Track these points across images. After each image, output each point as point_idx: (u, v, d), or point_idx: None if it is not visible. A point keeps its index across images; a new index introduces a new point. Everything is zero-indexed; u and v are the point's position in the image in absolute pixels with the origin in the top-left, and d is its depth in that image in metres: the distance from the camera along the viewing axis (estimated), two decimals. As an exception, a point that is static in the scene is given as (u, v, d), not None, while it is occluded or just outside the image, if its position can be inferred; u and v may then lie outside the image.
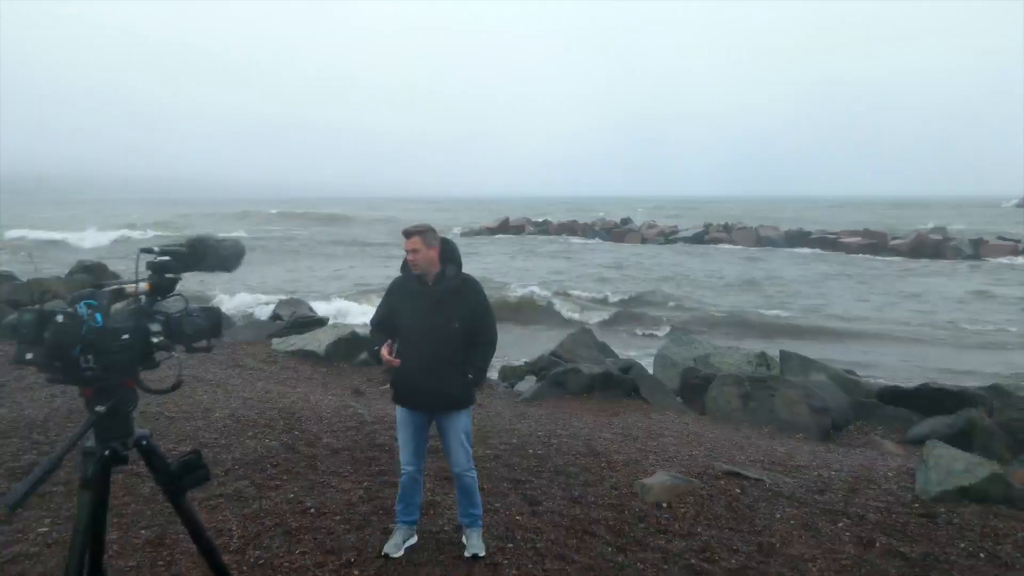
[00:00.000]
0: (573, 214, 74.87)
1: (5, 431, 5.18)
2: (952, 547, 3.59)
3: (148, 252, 1.69)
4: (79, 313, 1.51)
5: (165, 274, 1.68)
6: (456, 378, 3.34)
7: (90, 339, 1.49)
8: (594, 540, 3.66)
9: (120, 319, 1.58)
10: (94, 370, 1.50)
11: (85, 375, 1.50)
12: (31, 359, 1.47)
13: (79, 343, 1.48)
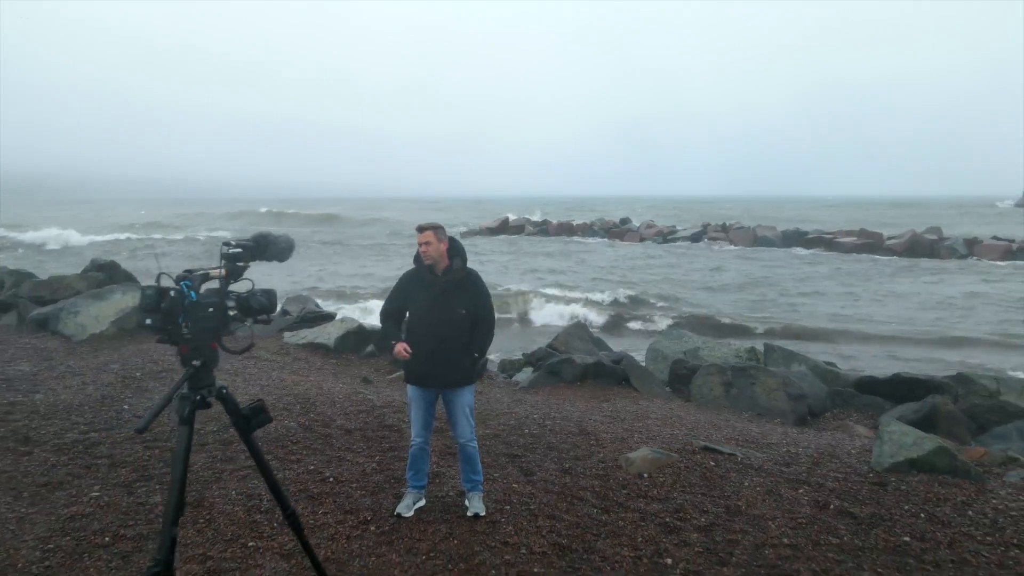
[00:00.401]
0: (573, 214, 75.38)
1: (47, 414, 5.67)
2: (897, 509, 4.07)
3: (226, 245, 2.16)
4: (185, 287, 1.98)
5: (237, 263, 2.15)
6: (461, 358, 3.82)
7: (188, 309, 1.96)
8: (581, 504, 4.14)
9: (206, 296, 2.04)
10: (190, 333, 1.97)
11: (184, 337, 1.97)
12: (149, 323, 1.94)
13: (182, 312, 1.95)
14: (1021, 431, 5.89)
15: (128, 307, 9.19)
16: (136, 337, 9.02)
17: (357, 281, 22.34)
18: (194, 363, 2.01)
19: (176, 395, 2.00)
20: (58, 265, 24.08)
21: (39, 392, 6.36)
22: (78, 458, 4.72)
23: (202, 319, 2.00)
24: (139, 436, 5.10)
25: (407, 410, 4.13)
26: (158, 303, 1.92)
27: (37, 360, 7.69)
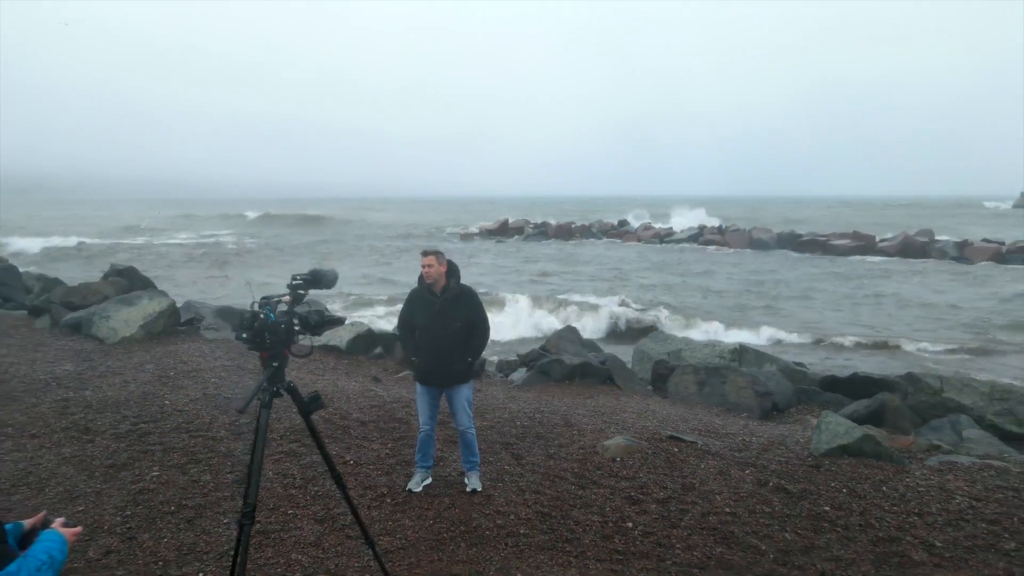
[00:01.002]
0: (572, 215, 76.15)
1: (99, 408, 6.47)
2: (824, 485, 4.88)
3: (293, 278, 2.96)
4: (268, 311, 2.77)
5: (298, 291, 2.95)
6: (459, 361, 4.62)
7: (269, 326, 2.76)
8: (562, 482, 4.95)
9: (279, 316, 2.83)
10: (270, 343, 2.76)
11: (266, 346, 2.77)
12: (244, 337, 2.74)
13: (265, 329, 2.75)
14: (954, 423, 6.70)
15: (154, 312, 10.00)
16: (163, 339, 9.84)
17: (359, 287, 23.15)
18: (273, 364, 2.80)
19: (256, 393, 2.79)
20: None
21: (87, 389, 7.17)
22: (135, 444, 5.53)
23: (277, 333, 2.78)
24: (187, 426, 5.91)
25: (415, 403, 4.94)
26: (252, 324, 2.72)
27: (78, 361, 8.50)
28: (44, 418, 6.20)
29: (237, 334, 2.80)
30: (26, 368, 8.05)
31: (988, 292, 22.61)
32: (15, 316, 11.64)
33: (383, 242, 44.95)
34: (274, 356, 2.80)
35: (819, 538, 4.12)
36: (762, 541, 4.07)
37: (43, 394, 6.96)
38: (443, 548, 3.95)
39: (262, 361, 2.83)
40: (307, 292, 2.97)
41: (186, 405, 6.58)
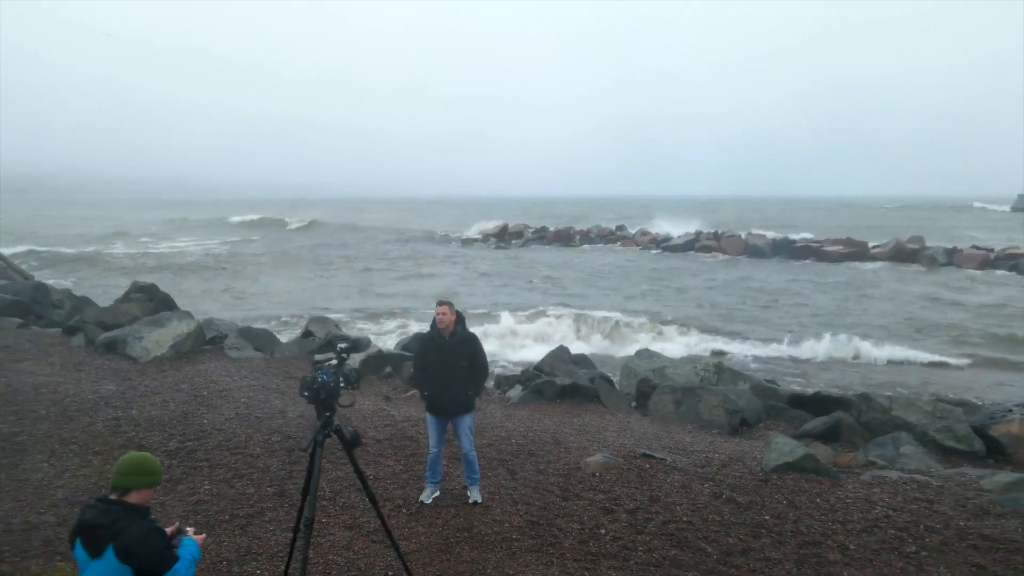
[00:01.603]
0: (571, 217, 77.12)
1: (147, 426, 7.41)
2: (769, 497, 5.81)
3: (341, 340, 3.89)
4: (324, 374, 3.70)
5: (342, 355, 3.87)
6: (464, 395, 5.55)
7: (323, 385, 3.68)
8: (549, 494, 5.88)
9: (329, 375, 3.75)
10: (324, 397, 3.69)
11: (321, 400, 3.69)
12: (305, 395, 3.66)
13: (321, 387, 3.67)
14: (895, 440, 7.62)
15: (183, 333, 10.94)
16: (191, 358, 10.78)
17: (359, 299, 24.09)
18: (328, 416, 3.72)
19: (315, 436, 3.70)
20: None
21: (133, 408, 8.10)
22: (185, 461, 6.47)
23: (329, 390, 3.70)
24: (227, 444, 6.84)
25: (425, 427, 5.86)
26: (312, 385, 3.64)
27: (118, 380, 9.43)
28: (101, 436, 7.14)
29: (300, 391, 3.73)
30: (73, 387, 8.99)
31: (969, 300, 23.55)
32: (50, 334, 12.57)
33: (383, 247, 45.86)
34: (326, 407, 3.72)
35: (756, 542, 5.05)
36: (709, 545, 5.01)
37: (94, 413, 7.90)
38: (450, 551, 4.89)
39: (317, 412, 3.76)
40: (349, 356, 3.90)
41: (223, 424, 7.52)
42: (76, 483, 6.02)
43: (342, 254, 41.03)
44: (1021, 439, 8.04)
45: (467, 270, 33.06)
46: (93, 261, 35.74)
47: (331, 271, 33.00)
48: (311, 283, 28.95)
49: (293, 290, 26.58)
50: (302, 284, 28.51)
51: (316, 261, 36.43)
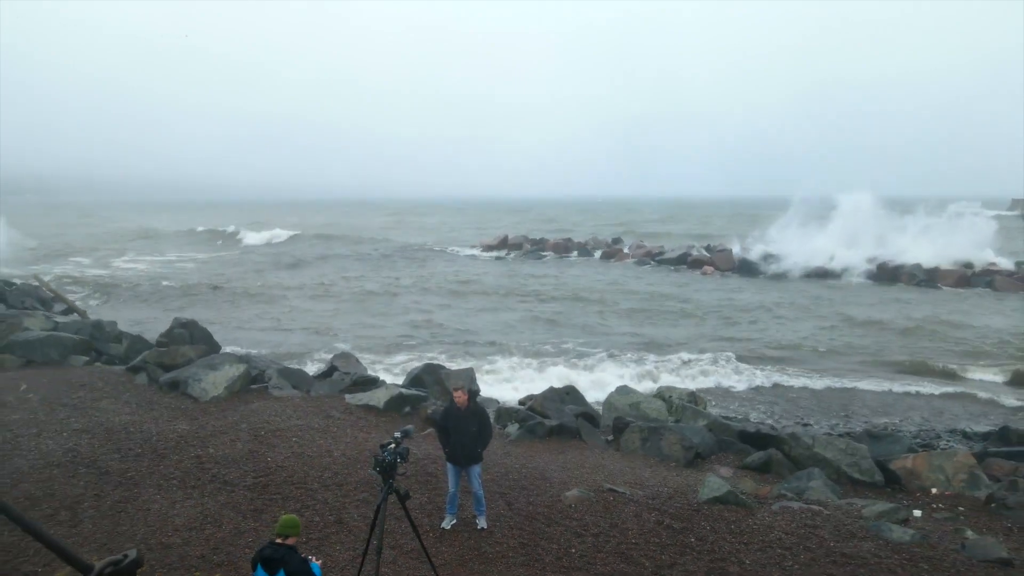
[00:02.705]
0: (572, 222, 79.21)
1: (225, 464, 9.46)
2: (697, 524, 7.91)
3: (401, 433, 5.98)
4: (387, 455, 5.77)
5: (399, 441, 5.95)
6: (474, 451, 7.66)
7: (390, 462, 5.76)
8: (536, 521, 7.98)
9: (391, 455, 5.82)
10: (387, 469, 5.77)
11: (388, 470, 5.77)
12: (376, 471, 5.73)
13: (387, 463, 5.75)
14: (810, 473, 9.71)
15: (234, 376, 13.04)
16: (242, 396, 12.89)
17: (375, 332, 26.23)
18: (390, 482, 5.79)
19: (382, 495, 5.77)
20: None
21: (209, 447, 10.20)
22: (262, 494, 8.57)
23: (392, 466, 5.76)
24: (291, 480, 8.93)
25: (445, 472, 7.96)
26: (382, 463, 5.72)
27: (188, 420, 11.53)
28: (191, 472, 9.25)
29: (371, 467, 5.82)
30: (154, 426, 11.10)
31: (925, 318, 25.69)
32: (115, 372, 14.69)
33: (385, 263, 47.93)
34: (389, 475, 5.81)
35: (681, 558, 7.16)
36: (648, 560, 7.12)
37: (180, 451, 10.01)
38: (465, 565, 6.99)
39: (383, 478, 5.84)
40: (404, 439, 5.99)
41: (283, 462, 9.62)
42: (186, 512, 8.11)
43: (346, 278, 43.06)
44: (913, 472, 10.17)
45: (467, 288, 35.15)
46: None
47: (339, 312, 34.93)
48: (326, 312, 31.07)
49: (297, 320, 28.72)
50: (309, 315, 30.64)
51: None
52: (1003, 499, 9.26)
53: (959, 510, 9.25)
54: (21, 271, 37.54)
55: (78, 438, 10.52)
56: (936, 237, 47.70)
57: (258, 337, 23.84)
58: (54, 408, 12.03)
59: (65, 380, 13.85)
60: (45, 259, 50.15)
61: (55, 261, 49.36)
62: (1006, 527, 8.69)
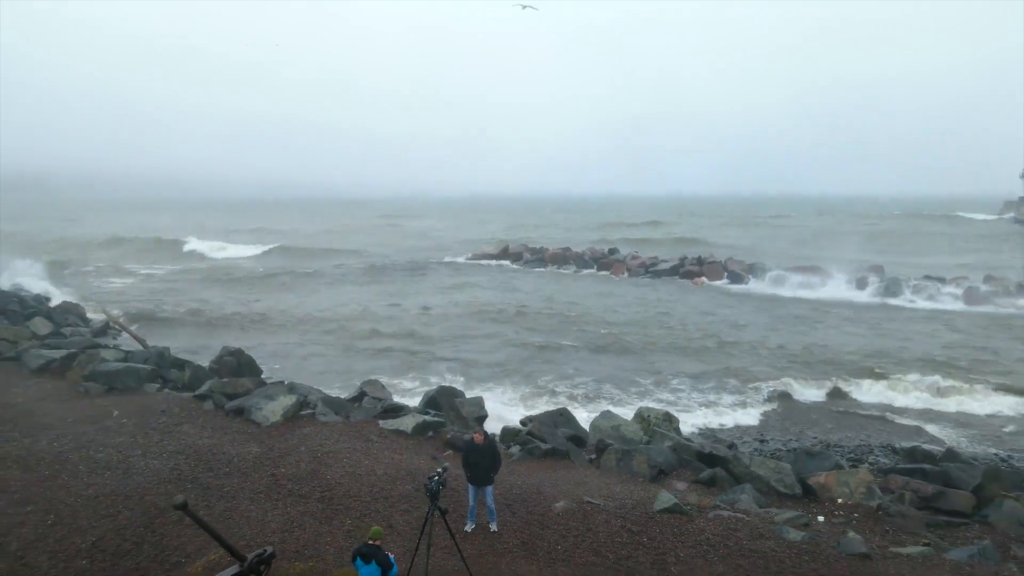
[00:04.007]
0: (570, 231, 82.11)
1: (296, 480, 12.41)
2: (650, 528, 10.88)
3: (444, 470, 8.90)
4: (434, 484, 8.69)
5: (442, 474, 8.87)
6: (489, 476, 10.63)
7: (435, 489, 8.67)
8: (533, 526, 10.95)
9: (435, 483, 8.72)
10: (435, 492, 8.68)
11: (436, 491, 8.68)
12: (427, 494, 8.64)
13: (434, 490, 8.66)
14: (743, 488, 12.65)
15: (289, 405, 15.99)
16: (295, 422, 15.84)
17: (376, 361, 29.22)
18: (435, 502, 8.67)
19: (430, 510, 8.65)
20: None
21: (280, 467, 13.16)
22: (330, 506, 11.51)
23: (436, 492, 8.65)
24: (349, 494, 11.88)
25: (466, 490, 10.91)
26: (429, 488, 8.61)
27: (257, 443, 14.48)
28: (272, 488, 12.21)
29: (424, 492, 8.75)
30: (232, 449, 14.05)
31: (880, 335, 28.64)
32: (184, 399, 17.65)
33: (382, 279, 50.78)
34: (434, 498, 8.74)
35: (635, 552, 10.12)
36: (611, 554, 10.07)
37: (259, 470, 12.96)
38: (483, 559, 9.95)
39: (431, 500, 8.77)
40: (443, 473, 8.93)
41: (340, 479, 12.57)
42: (276, 519, 11.07)
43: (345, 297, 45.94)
44: (825, 486, 13.14)
45: (462, 307, 38.11)
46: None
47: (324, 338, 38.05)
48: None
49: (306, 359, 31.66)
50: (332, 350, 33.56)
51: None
52: (887, 508, 12.23)
53: (854, 516, 12.23)
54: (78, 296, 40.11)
55: (176, 459, 13.50)
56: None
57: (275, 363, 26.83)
58: (147, 432, 15.02)
59: (146, 406, 16.84)
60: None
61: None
62: (884, 530, 11.67)
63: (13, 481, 12.35)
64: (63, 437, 14.55)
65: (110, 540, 10.40)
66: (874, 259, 59.84)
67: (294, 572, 9.50)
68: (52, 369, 19.81)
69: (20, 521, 10.97)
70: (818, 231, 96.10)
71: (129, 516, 11.09)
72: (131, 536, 10.51)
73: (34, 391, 18.07)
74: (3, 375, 19.64)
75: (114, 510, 11.29)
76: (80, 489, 12.06)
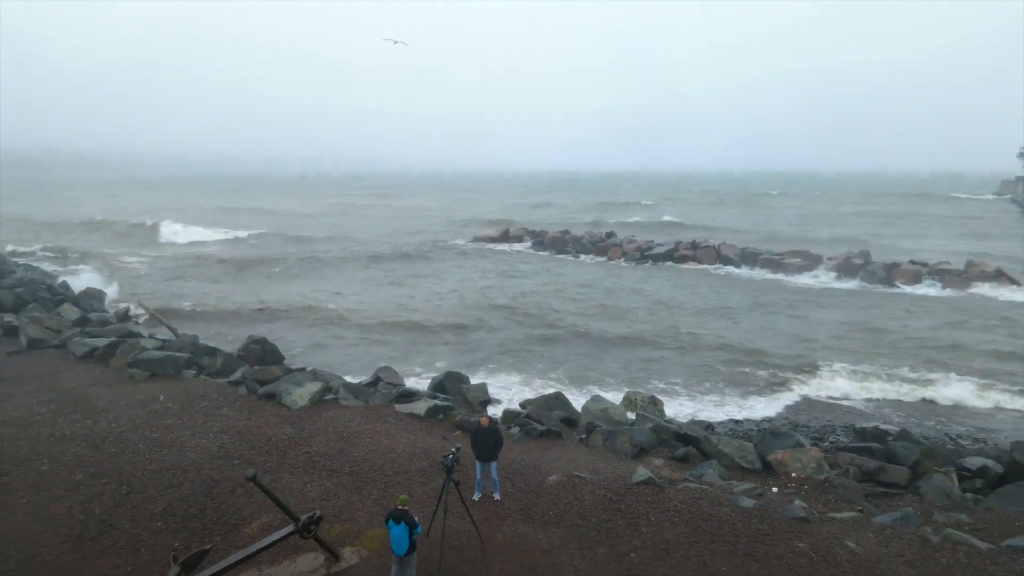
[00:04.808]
0: (566, 212, 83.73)
1: (329, 456, 14.52)
2: (627, 497, 12.99)
3: (458, 450, 10.93)
4: (450, 461, 10.72)
5: (456, 453, 10.89)
6: (493, 454, 12.72)
7: (451, 464, 10.70)
8: (529, 494, 13.08)
9: (451, 460, 10.74)
10: (450, 467, 10.72)
11: (451, 466, 10.71)
12: (444, 468, 10.67)
13: (450, 466, 10.69)
14: (710, 464, 14.75)
15: (315, 390, 18.06)
16: (320, 406, 17.92)
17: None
18: (451, 475, 10.69)
19: (446, 482, 10.67)
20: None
21: (312, 445, 15.25)
22: (358, 479, 13.62)
23: (451, 467, 10.66)
24: (374, 468, 13.99)
25: (474, 466, 12.99)
26: (446, 462, 10.62)
27: (289, 424, 16.57)
28: (307, 463, 14.30)
29: (441, 467, 10.80)
30: (268, 429, 16.15)
31: (862, 320, 30.69)
32: (219, 384, 19.74)
33: (381, 267, 52.69)
34: (451, 472, 10.79)
35: (614, 517, 12.23)
36: (594, 518, 12.18)
37: (295, 448, 15.06)
38: (488, 522, 12.06)
39: (447, 474, 10.82)
40: (457, 452, 10.97)
41: (366, 457, 14.66)
42: (314, 490, 13.18)
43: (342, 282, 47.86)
44: (782, 462, 15.25)
45: (461, 299, 40.13)
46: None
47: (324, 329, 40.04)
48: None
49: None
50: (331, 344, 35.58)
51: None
52: (832, 480, 14.35)
53: (803, 487, 14.35)
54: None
55: (221, 438, 15.61)
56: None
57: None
58: (191, 415, 17.13)
59: (187, 391, 18.95)
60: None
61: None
62: (827, 499, 13.79)
63: (86, 457, 14.48)
64: (120, 419, 16.67)
65: (177, 506, 12.52)
66: (864, 241, 61.74)
67: (334, 532, 11.61)
68: (96, 356, 21.88)
69: (99, 491, 13.10)
70: (810, 214, 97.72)
71: (190, 487, 13.21)
72: (194, 503, 12.63)
73: (84, 377, 20.17)
74: (52, 362, 21.76)
75: (176, 481, 13.41)
76: (144, 464, 14.18)
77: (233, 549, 11.07)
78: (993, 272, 45.25)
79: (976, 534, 12.16)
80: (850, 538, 11.59)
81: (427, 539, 11.04)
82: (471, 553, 11.06)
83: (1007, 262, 51.77)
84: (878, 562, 10.83)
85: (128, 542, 11.46)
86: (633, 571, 10.56)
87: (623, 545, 11.32)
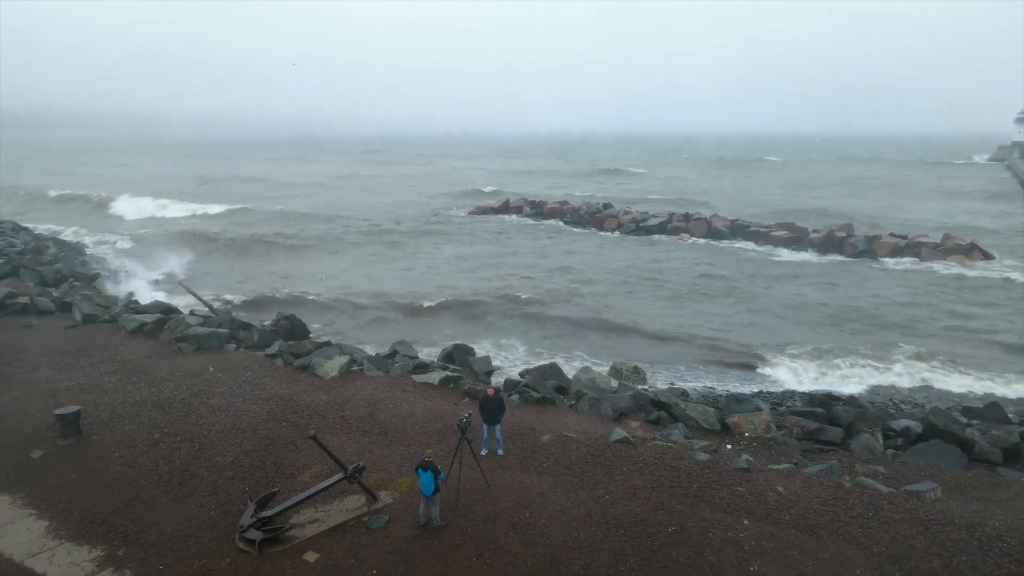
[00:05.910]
0: (561, 179, 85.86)
1: (364, 419, 17.51)
2: (604, 453, 16.02)
3: (469, 415, 13.85)
4: (463, 423, 13.64)
5: (469, 417, 13.82)
6: (497, 418, 15.72)
7: (464, 426, 13.62)
8: (527, 450, 16.12)
9: (463, 424, 13.65)
10: (464, 428, 13.64)
11: (465, 428, 13.63)
12: (459, 427, 13.61)
13: (463, 426, 13.61)
14: (677, 426, 17.76)
15: (344, 362, 20.99)
16: (348, 376, 20.89)
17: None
18: (463, 434, 13.60)
19: (459, 440, 13.60)
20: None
21: (345, 411, 18.24)
22: (387, 437, 16.65)
23: (464, 428, 13.55)
24: (400, 428, 17.02)
25: (481, 428, 15.97)
26: (460, 423, 13.51)
27: (324, 392, 19.54)
28: (343, 425, 17.31)
29: (456, 425, 13.75)
30: (306, 397, 19.13)
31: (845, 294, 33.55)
32: (258, 356, 22.66)
33: (384, 243, 55.20)
34: (463, 432, 13.73)
35: (593, 468, 15.26)
36: (578, 469, 15.22)
37: (332, 413, 18.04)
38: (493, 472, 15.09)
39: (461, 433, 13.77)
40: (469, 417, 13.91)
41: (390, 419, 17.65)
42: (351, 447, 16.19)
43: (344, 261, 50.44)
44: (738, 424, 18.29)
45: (460, 271, 42.83)
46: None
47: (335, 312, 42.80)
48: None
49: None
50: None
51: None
52: (777, 439, 17.38)
53: (754, 445, 17.40)
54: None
55: (268, 404, 18.61)
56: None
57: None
58: (239, 384, 20.12)
59: (232, 363, 21.91)
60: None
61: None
62: (770, 454, 16.84)
63: (159, 420, 17.50)
64: (179, 388, 19.66)
65: (242, 460, 15.55)
66: (850, 216, 64.08)
67: (371, 479, 14.66)
68: (145, 331, 24.79)
69: (176, 447, 16.13)
70: (799, 184, 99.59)
71: (250, 445, 16.23)
72: (256, 457, 15.66)
73: (140, 349, 23.12)
74: (107, 335, 24.68)
75: (238, 440, 16.43)
76: (208, 425, 17.20)
77: (293, 492, 14.11)
78: (967, 246, 47.90)
79: (886, 482, 15.21)
80: (781, 484, 14.63)
81: (446, 484, 14.06)
82: (480, 495, 14.08)
83: (986, 235, 54.46)
84: (798, 501, 13.88)
85: (208, 487, 14.50)
86: (606, 508, 13.60)
87: (600, 489, 14.36)
